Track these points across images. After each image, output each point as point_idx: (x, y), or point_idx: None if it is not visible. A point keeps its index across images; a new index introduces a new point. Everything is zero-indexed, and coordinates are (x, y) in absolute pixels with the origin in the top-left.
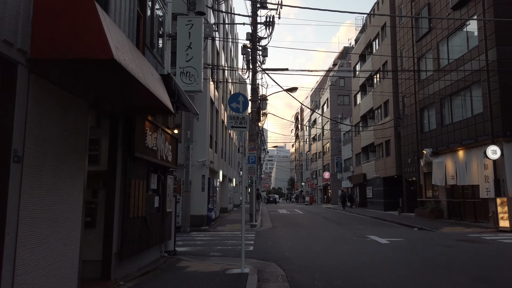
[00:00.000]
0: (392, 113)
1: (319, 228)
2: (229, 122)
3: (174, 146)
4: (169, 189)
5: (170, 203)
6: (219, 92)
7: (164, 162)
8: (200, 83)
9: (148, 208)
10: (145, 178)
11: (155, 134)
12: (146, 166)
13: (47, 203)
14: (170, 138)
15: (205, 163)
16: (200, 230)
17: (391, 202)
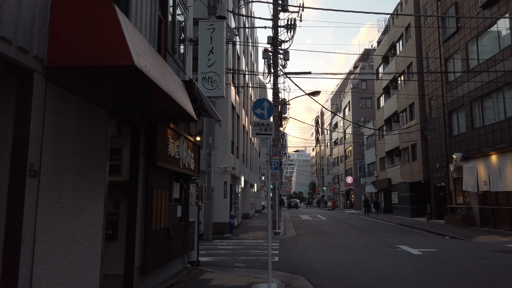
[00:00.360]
0: (418, 116)
1: (346, 236)
2: (254, 129)
3: (197, 154)
4: (192, 197)
5: (193, 212)
6: (240, 97)
7: (187, 171)
8: (223, 89)
9: (171, 218)
10: (167, 187)
11: (177, 142)
12: (168, 175)
13: (65, 219)
14: (192, 145)
15: (227, 169)
16: (223, 238)
17: (418, 208)
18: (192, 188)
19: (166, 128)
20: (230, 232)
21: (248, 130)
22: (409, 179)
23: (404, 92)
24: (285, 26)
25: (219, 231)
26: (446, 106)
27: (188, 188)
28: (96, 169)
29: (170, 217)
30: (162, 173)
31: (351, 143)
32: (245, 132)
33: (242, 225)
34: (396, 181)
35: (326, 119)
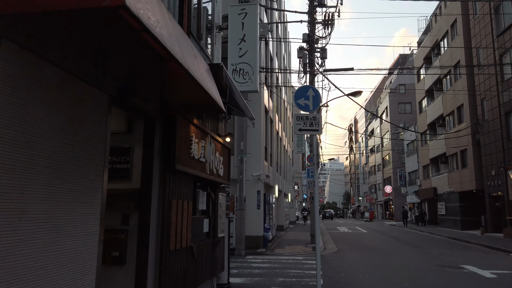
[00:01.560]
0: (468, 118)
1: (395, 252)
2: (296, 124)
3: (226, 158)
4: (221, 209)
5: (222, 226)
6: (273, 101)
7: (215, 177)
8: (256, 82)
9: (195, 235)
10: (190, 197)
11: (203, 142)
12: (191, 182)
13: (32, 245)
14: (221, 148)
15: (260, 178)
16: (257, 254)
17: (469, 220)
18: (221, 198)
19: (189, 123)
20: (264, 246)
21: (281, 136)
22: (458, 188)
23: (450, 93)
24: (322, 22)
25: (252, 245)
26: (503, 107)
27: (216, 198)
28: (88, 172)
29: (194, 233)
30: (183, 179)
31: (389, 151)
32: (279, 138)
33: (276, 238)
34: (442, 191)
35: (360, 127)
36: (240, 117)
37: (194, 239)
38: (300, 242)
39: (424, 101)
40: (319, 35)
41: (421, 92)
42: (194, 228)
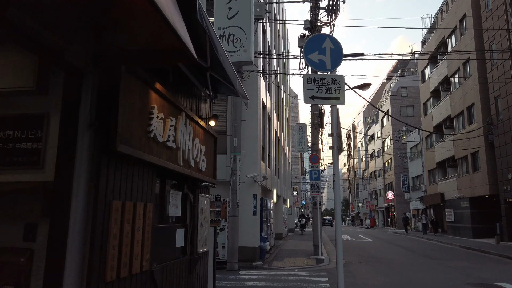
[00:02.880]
0: (480, 118)
1: (412, 266)
2: (307, 90)
3: (211, 149)
4: (204, 215)
5: (205, 238)
6: (271, 96)
7: (193, 171)
8: (250, 51)
9: (161, 252)
10: (151, 198)
11: (173, 120)
12: (152, 175)
13: None
14: (203, 134)
15: (256, 179)
16: (252, 268)
17: (482, 227)
18: (203, 200)
19: (146, 87)
20: (261, 258)
21: (280, 137)
22: (469, 194)
23: (459, 93)
24: (325, 8)
25: (247, 257)
26: None
27: (196, 201)
28: None
29: (158, 250)
30: (137, 170)
31: (391, 155)
32: (277, 139)
33: (275, 248)
34: (451, 196)
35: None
36: (233, 109)
37: (158, 258)
38: (302, 253)
39: (429, 103)
40: (323, 21)
41: (426, 93)
42: (158, 242)
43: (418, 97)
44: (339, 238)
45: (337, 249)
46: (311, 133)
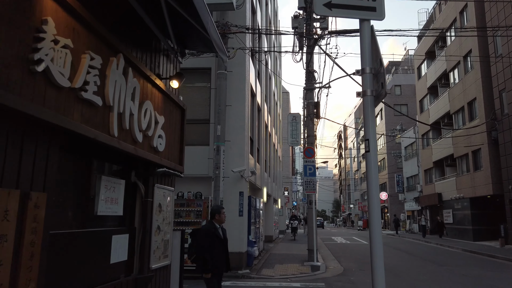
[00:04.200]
0: (483, 114)
1: (420, 274)
2: None
3: (176, 123)
4: (163, 215)
5: (163, 247)
6: (261, 85)
7: (140, 149)
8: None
9: (78, 273)
10: (40, 182)
11: (97, 61)
12: (46, 141)
13: None
14: (162, 100)
15: (243, 175)
16: (237, 277)
17: (483, 229)
18: (161, 194)
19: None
20: (248, 265)
21: (271, 132)
22: (469, 194)
23: (459, 88)
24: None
25: (232, 265)
26: None
27: (149, 195)
28: None
29: (72, 271)
30: (11, 129)
31: (384, 154)
32: (268, 134)
33: (264, 252)
34: (449, 197)
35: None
36: (216, 92)
37: (62, 284)
38: (294, 259)
39: (426, 100)
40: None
41: (423, 90)
42: (73, 258)
43: (412, 95)
44: (378, 255)
45: (375, 275)
46: (306, 124)
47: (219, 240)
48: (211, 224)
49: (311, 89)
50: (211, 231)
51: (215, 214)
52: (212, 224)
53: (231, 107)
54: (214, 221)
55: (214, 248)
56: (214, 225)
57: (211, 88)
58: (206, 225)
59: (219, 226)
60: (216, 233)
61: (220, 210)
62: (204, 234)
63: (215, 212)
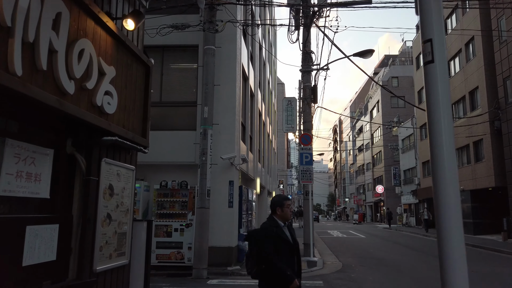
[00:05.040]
0: (485, 103)
1: (425, 269)
2: None
3: (137, 83)
4: (117, 201)
5: (114, 243)
6: (255, 69)
7: (70, 105)
8: None
9: None
10: None
11: None
12: None
13: None
14: (111, 44)
15: (233, 162)
16: (226, 274)
17: (483, 223)
18: (114, 172)
19: None
20: (239, 261)
21: (265, 122)
22: (469, 186)
23: (460, 77)
24: None
25: (221, 261)
26: None
27: (93, 172)
28: None
29: None
30: None
31: (380, 147)
32: (262, 122)
33: None
34: None
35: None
36: (203, 68)
37: None
38: None
39: (424, 90)
40: None
41: (422, 80)
42: None
43: (409, 87)
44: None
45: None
46: (302, 109)
47: (285, 243)
48: (271, 222)
49: (308, 71)
50: (273, 232)
51: (277, 207)
52: (274, 222)
53: (220, 87)
54: (276, 218)
55: (280, 255)
56: (277, 222)
57: (198, 66)
58: (265, 224)
59: (284, 224)
60: (281, 234)
61: (283, 202)
62: (264, 236)
63: (277, 204)
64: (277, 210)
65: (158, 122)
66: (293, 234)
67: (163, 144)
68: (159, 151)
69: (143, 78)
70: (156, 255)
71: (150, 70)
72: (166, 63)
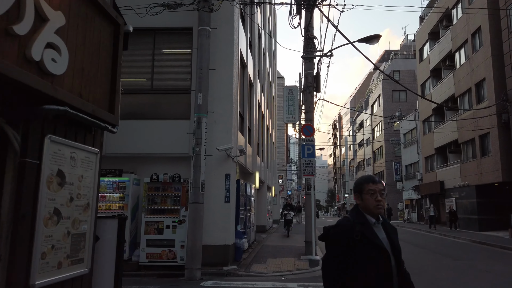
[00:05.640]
0: (492, 95)
1: (436, 270)
2: None
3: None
4: (74, 191)
5: (73, 245)
6: (254, 58)
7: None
8: None
9: None
10: None
11: None
12: None
13: None
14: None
15: (230, 153)
16: (221, 275)
17: (490, 219)
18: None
19: None
20: (236, 260)
21: (265, 114)
22: (475, 181)
23: (466, 68)
24: None
25: (216, 260)
26: None
27: (27, 152)
28: None
29: None
30: None
31: (382, 142)
32: (261, 114)
33: (256, 244)
34: (452, 185)
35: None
36: (197, 51)
37: None
38: (290, 252)
39: (427, 83)
40: None
41: (425, 73)
42: None
43: (411, 81)
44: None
45: None
46: (304, 98)
47: (376, 250)
48: (355, 215)
49: (310, 57)
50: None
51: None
52: (358, 216)
53: (216, 72)
54: (361, 209)
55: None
56: (363, 217)
57: (193, 49)
58: (343, 219)
59: (375, 220)
60: (368, 235)
61: (363, 185)
62: (336, 237)
63: (355, 190)
64: (356, 198)
65: (149, 111)
66: (393, 238)
67: (154, 134)
68: (150, 142)
69: (110, 39)
70: (146, 254)
71: (120, 29)
72: (158, 47)
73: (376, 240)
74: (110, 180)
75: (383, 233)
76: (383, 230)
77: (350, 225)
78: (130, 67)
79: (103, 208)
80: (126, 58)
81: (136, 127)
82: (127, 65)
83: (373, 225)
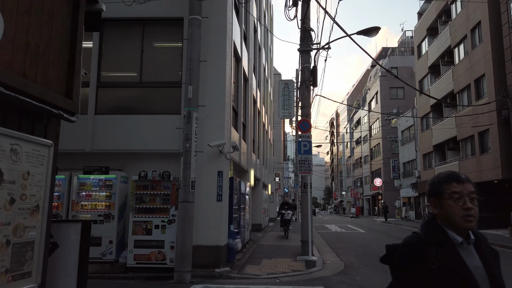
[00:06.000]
0: (492, 91)
1: None
2: None
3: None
4: (18, 190)
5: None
6: (249, 52)
7: None
8: None
9: None
10: None
11: None
12: None
13: None
14: None
15: (222, 150)
16: (213, 277)
17: (489, 217)
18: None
19: None
20: (229, 261)
21: (260, 110)
22: (474, 179)
23: (465, 64)
24: None
25: (208, 262)
26: None
27: None
28: None
29: None
30: None
31: (379, 139)
32: (257, 110)
33: (250, 244)
34: None
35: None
36: (188, 42)
37: None
38: (285, 252)
39: (426, 80)
40: None
41: (423, 69)
42: None
43: (409, 78)
44: None
45: None
46: (301, 93)
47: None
48: (430, 231)
49: (307, 50)
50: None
51: (430, 199)
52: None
53: (208, 64)
54: (440, 222)
55: None
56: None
57: (183, 39)
58: (412, 236)
59: (462, 239)
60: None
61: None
62: (402, 263)
63: (430, 194)
64: (432, 206)
65: (138, 105)
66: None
67: (143, 130)
68: (138, 138)
69: (67, 10)
70: (134, 256)
71: (80, 2)
72: (147, 39)
73: (463, 271)
74: (96, 178)
75: (477, 259)
76: (477, 254)
77: (422, 246)
78: (118, 59)
79: (88, 208)
80: (114, 49)
81: (123, 122)
82: (114, 57)
83: (459, 247)
